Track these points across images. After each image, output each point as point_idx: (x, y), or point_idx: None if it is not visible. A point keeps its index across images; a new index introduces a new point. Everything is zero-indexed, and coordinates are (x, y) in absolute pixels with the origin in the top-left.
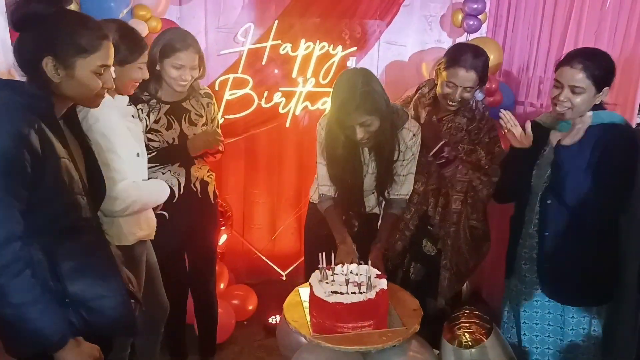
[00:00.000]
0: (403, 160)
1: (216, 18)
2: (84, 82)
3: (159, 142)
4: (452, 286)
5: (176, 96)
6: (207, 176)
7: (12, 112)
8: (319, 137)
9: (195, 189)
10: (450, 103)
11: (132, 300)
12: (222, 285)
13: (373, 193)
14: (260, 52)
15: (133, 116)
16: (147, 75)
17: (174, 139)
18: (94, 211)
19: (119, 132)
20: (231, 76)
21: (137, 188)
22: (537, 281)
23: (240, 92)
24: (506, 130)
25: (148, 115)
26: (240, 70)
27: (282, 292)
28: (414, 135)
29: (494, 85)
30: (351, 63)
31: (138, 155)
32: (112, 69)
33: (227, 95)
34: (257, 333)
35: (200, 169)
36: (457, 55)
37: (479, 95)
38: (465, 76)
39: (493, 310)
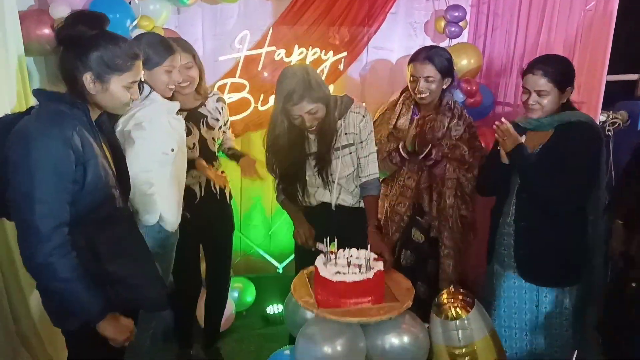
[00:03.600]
0: (361, 142)
1: (213, 26)
2: (116, 95)
3: None
4: (454, 272)
5: (192, 103)
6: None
7: (59, 119)
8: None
9: (215, 191)
10: (419, 95)
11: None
12: None
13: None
14: (256, 58)
15: (178, 113)
16: (177, 79)
17: (194, 143)
18: (125, 202)
19: (156, 125)
20: (229, 81)
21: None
22: (514, 265)
23: (238, 95)
24: (500, 140)
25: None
26: (237, 75)
27: (279, 285)
28: (363, 116)
29: (474, 87)
30: (341, 66)
31: (172, 150)
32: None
33: (226, 99)
34: (256, 323)
35: (217, 170)
36: (415, 53)
37: (460, 97)
38: (421, 67)
39: (477, 295)
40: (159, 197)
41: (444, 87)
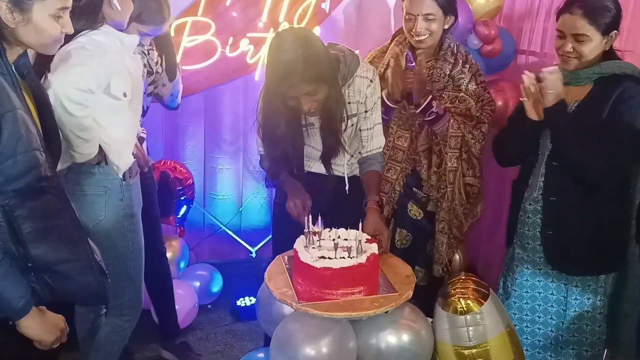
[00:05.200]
0: (365, 112)
1: None
2: (42, 28)
3: None
4: (449, 252)
5: None
6: (142, 132)
7: None
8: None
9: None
10: (417, 38)
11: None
12: (182, 265)
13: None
14: None
15: (135, 53)
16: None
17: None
18: (53, 169)
19: (106, 56)
20: (189, 19)
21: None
22: (539, 249)
23: (201, 38)
24: (537, 93)
25: None
26: (200, 12)
27: (251, 272)
28: (371, 81)
29: (493, 31)
30: (326, 5)
31: (125, 95)
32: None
33: (185, 41)
34: (223, 318)
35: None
36: None
37: (475, 43)
38: (419, 3)
39: (490, 284)
40: (96, 125)
41: (446, 27)
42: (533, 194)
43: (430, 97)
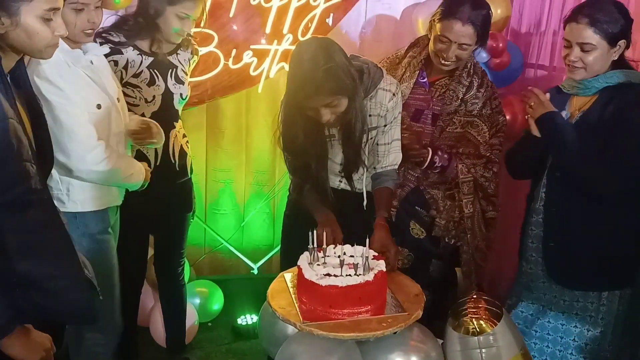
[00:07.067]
0: (384, 126)
1: None
2: (32, 31)
3: (136, 98)
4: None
5: (164, 47)
6: (186, 143)
7: None
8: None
9: (173, 161)
10: (444, 62)
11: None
12: None
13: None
14: (227, 1)
15: (92, 62)
16: (98, 19)
17: (154, 96)
18: (43, 182)
19: (70, 77)
20: (191, 31)
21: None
22: (542, 262)
23: (203, 49)
24: (527, 107)
25: (125, 68)
26: (202, 23)
27: (252, 289)
28: (393, 94)
29: (501, 44)
30: (329, 19)
31: (99, 106)
32: None
33: None
34: (224, 336)
35: (178, 132)
36: (453, 6)
37: (483, 57)
38: (461, 31)
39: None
40: (115, 153)
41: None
42: (536, 205)
43: (431, 153)
